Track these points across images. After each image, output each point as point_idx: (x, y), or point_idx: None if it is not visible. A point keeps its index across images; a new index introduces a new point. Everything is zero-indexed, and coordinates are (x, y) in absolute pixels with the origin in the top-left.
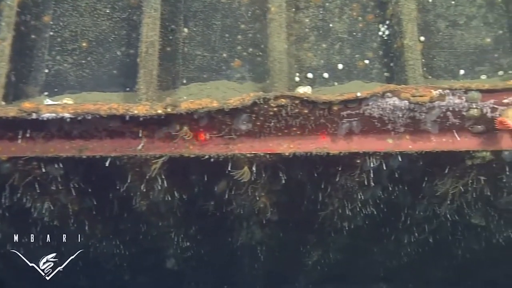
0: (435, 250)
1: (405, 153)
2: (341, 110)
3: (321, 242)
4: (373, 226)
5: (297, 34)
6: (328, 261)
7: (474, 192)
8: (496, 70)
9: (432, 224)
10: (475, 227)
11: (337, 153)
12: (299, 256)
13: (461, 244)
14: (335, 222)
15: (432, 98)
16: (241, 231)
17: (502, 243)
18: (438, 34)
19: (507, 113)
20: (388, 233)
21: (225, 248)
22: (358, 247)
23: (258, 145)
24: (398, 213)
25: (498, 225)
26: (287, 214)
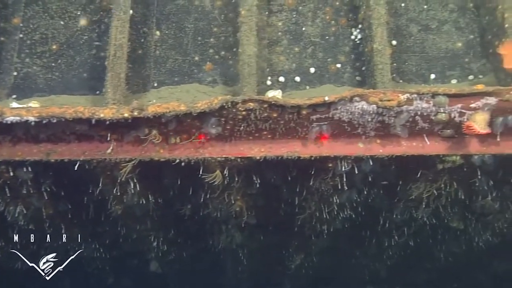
0: (417, 253)
1: (376, 157)
2: (310, 114)
3: (303, 245)
4: (353, 229)
5: (270, 38)
6: (312, 265)
7: (448, 196)
8: (467, 75)
9: (411, 227)
10: (454, 231)
11: (308, 157)
12: (282, 260)
13: (442, 247)
14: (314, 225)
15: (400, 103)
16: (220, 234)
17: (483, 246)
18: (410, 38)
19: (474, 117)
20: (369, 236)
21: (207, 251)
22: (341, 250)
23: (229, 148)
24: (377, 217)
25: (476, 228)
26: (265, 218)
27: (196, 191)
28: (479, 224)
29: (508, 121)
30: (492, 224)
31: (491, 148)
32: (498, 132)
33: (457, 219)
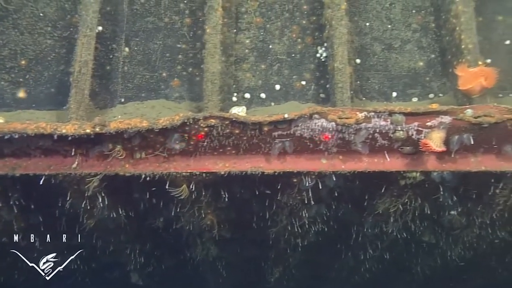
0: (394, 267)
1: (339, 173)
2: (272, 130)
3: (280, 259)
4: (328, 243)
5: (237, 55)
6: (292, 278)
7: (415, 211)
8: (427, 93)
9: (384, 241)
10: (427, 245)
11: (271, 172)
12: (261, 273)
13: (418, 261)
14: (288, 239)
15: (358, 120)
16: (196, 247)
17: (457, 260)
18: (373, 57)
19: (430, 135)
20: (345, 249)
21: (186, 264)
22: (318, 263)
23: (193, 164)
24: (349, 230)
25: (447, 242)
26: (239, 231)
27: (166, 204)
28: (449, 238)
29: (464, 139)
30: (462, 239)
31: (447, 165)
32: (454, 150)
33: (428, 233)
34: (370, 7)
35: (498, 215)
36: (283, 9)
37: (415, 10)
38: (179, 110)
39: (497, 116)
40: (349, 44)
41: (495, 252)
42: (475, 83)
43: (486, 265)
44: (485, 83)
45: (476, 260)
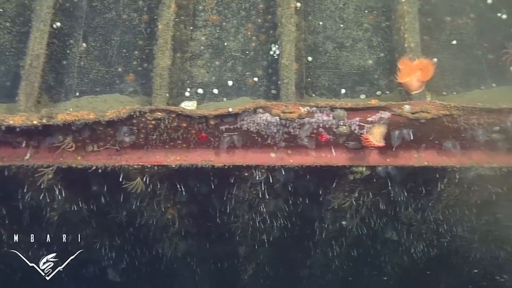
0: (366, 266)
1: (289, 167)
2: (219, 124)
3: (250, 255)
4: (294, 239)
5: (192, 51)
6: (266, 275)
7: (371, 207)
8: (375, 90)
9: (347, 237)
10: (391, 242)
11: (221, 165)
12: (235, 269)
13: (386, 259)
14: (253, 234)
15: (301, 115)
16: (163, 242)
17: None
18: (325, 55)
19: (372, 130)
20: (312, 246)
21: (159, 260)
22: (290, 260)
23: (145, 156)
24: (312, 226)
25: (409, 239)
26: (204, 226)
27: (127, 198)
28: (410, 235)
29: (404, 135)
30: (421, 235)
31: (391, 160)
32: (395, 145)
33: (389, 230)
34: (324, 7)
35: (450, 210)
36: (239, 8)
37: (368, 10)
38: (132, 104)
39: (433, 112)
40: (298, 41)
41: (459, 249)
42: (413, 76)
43: (452, 263)
44: (422, 76)
45: (442, 258)
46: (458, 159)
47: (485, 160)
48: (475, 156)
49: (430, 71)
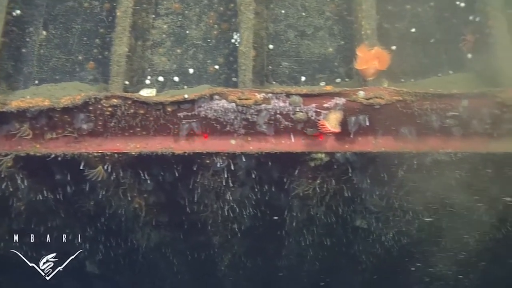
0: (341, 255)
1: (251, 154)
2: (176, 111)
3: (224, 245)
4: (266, 228)
5: (154, 39)
6: (243, 266)
7: (337, 194)
8: (335, 78)
9: (317, 226)
10: (362, 230)
11: (181, 152)
12: (212, 260)
13: (359, 248)
14: (224, 224)
15: (257, 101)
16: (135, 233)
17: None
18: (286, 43)
19: (327, 116)
20: (285, 235)
21: (135, 250)
22: (265, 250)
23: (105, 144)
24: (282, 215)
25: (377, 227)
26: (176, 216)
27: (92, 187)
28: (379, 222)
29: (360, 121)
30: (390, 223)
31: (349, 146)
32: (352, 131)
33: (359, 218)
34: None
35: (413, 197)
36: None
37: None
38: (91, 92)
39: (387, 98)
40: (259, 29)
41: (429, 237)
42: (370, 64)
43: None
44: (379, 65)
45: (414, 246)
46: (414, 145)
47: (441, 146)
48: (430, 141)
49: (387, 60)
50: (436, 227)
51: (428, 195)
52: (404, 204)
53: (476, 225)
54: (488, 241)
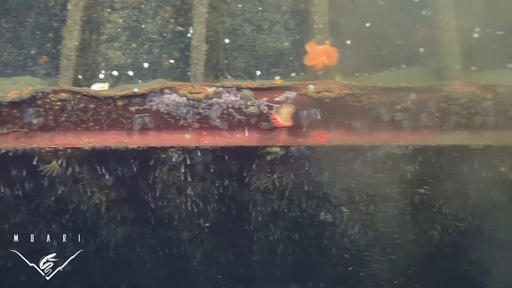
0: (312, 250)
1: (202, 148)
2: (128, 105)
3: (194, 241)
4: (233, 223)
5: (109, 34)
6: (216, 261)
7: (297, 188)
8: (290, 72)
9: (283, 221)
10: (328, 224)
11: (135, 147)
12: (184, 256)
13: (328, 242)
14: (190, 219)
15: (208, 95)
16: (101, 228)
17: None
18: (243, 37)
19: (279, 110)
20: (253, 230)
21: (105, 247)
22: (236, 245)
23: (57, 139)
24: (247, 209)
25: (342, 220)
26: (141, 211)
27: (52, 183)
28: (343, 216)
29: (311, 114)
30: (353, 216)
31: (303, 140)
32: (305, 125)
33: (324, 212)
34: None
35: (372, 190)
36: None
37: None
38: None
39: (337, 92)
40: (216, 24)
41: (393, 230)
42: (319, 60)
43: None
44: (327, 61)
45: (380, 240)
46: (366, 138)
47: (392, 139)
48: (382, 135)
49: (335, 57)
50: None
51: (385, 188)
52: (365, 198)
53: (435, 218)
54: (451, 233)
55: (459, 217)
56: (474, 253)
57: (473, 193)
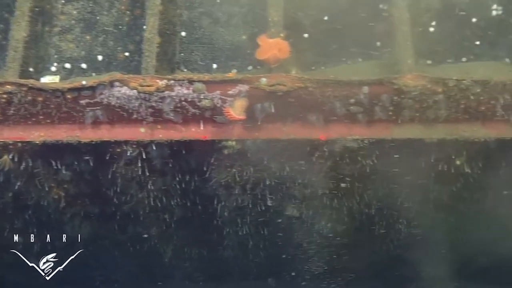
0: (285, 245)
1: (157, 142)
2: (78, 98)
3: (162, 236)
4: (201, 218)
5: (62, 26)
6: (188, 257)
7: (258, 182)
8: (247, 65)
9: (249, 215)
10: (296, 219)
11: (88, 141)
12: (155, 252)
13: (299, 237)
14: (155, 214)
15: (159, 88)
16: (65, 224)
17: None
18: (200, 30)
19: (233, 103)
20: (223, 225)
21: (73, 242)
22: (207, 241)
23: (7, 132)
24: (212, 205)
25: (308, 215)
26: (104, 206)
27: (7, 178)
28: (309, 211)
29: (266, 108)
30: (318, 211)
31: (257, 133)
32: (259, 118)
33: (290, 207)
34: None
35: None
36: None
37: None
38: None
39: (289, 85)
40: (173, 16)
41: (361, 225)
42: (270, 54)
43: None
44: (279, 54)
45: (349, 234)
46: (322, 131)
47: (347, 132)
48: (338, 128)
49: (287, 50)
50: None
51: (350, 183)
52: (327, 192)
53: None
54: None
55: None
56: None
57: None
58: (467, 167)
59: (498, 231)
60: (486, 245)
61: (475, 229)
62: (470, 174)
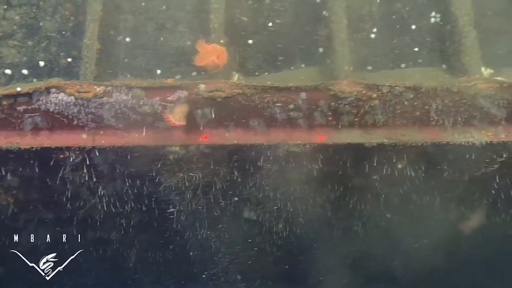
0: (251, 248)
1: (100, 147)
2: (14, 105)
3: (123, 241)
4: (159, 223)
5: (4, 31)
6: (154, 260)
7: (209, 186)
8: (191, 71)
9: (206, 219)
10: (254, 222)
11: (28, 147)
12: (119, 256)
13: (257, 239)
14: (111, 219)
15: (96, 94)
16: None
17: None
18: (145, 35)
19: (173, 110)
20: (182, 230)
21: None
22: (171, 244)
23: None
24: (168, 209)
25: (264, 218)
26: (58, 212)
27: None
28: (265, 214)
29: (206, 114)
30: (273, 214)
31: (200, 139)
32: (201, 124)
33: (247, 210)
34: None
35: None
36: None
37: None
38: None
39: (228, 91)
40: (113, 21)
41: (320, 228)
42: (209, 60)
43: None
44: (217, 60)
45: (309, 237)
46: (264, 137)
47: (289, 137)
48: (280, 133)
49: (225, 56)
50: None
51: (299, 186)
52: (278, 196)
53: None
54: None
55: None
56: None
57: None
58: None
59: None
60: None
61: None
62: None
